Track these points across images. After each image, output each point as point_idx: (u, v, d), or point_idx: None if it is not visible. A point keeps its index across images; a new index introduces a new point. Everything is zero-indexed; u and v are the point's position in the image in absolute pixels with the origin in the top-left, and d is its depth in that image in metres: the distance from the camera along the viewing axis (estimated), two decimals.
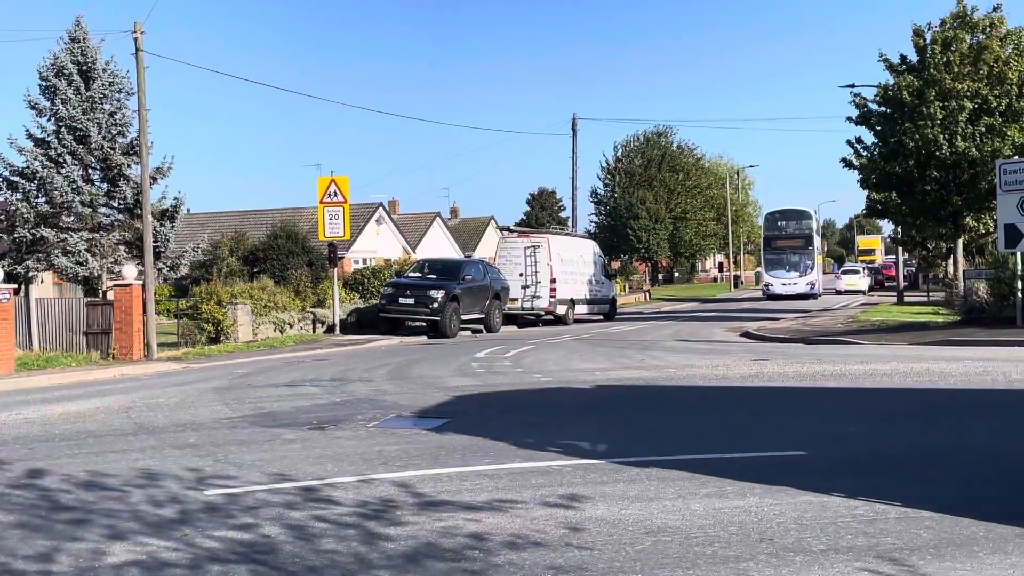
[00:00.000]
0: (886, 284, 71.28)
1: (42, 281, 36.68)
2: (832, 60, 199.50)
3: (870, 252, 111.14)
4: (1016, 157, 29.13)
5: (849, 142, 37.15)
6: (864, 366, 18.04)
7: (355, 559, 6.36)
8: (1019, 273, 24.48)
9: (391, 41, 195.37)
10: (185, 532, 7.12)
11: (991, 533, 6.60)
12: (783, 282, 56.31)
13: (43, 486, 8.95)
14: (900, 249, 52.00)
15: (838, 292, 65.23)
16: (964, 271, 33.93)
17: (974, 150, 32.43)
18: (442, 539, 6.74)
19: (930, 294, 49.03)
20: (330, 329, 32.57)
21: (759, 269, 67.49)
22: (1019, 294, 24.45)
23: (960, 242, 36.83)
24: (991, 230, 33.71)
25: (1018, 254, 24.29)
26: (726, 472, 8.75)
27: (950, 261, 42.45)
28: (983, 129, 32.59)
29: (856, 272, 70.67)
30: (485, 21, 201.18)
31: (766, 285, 57.87)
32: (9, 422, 13.80)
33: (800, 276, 56.29)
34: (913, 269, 70.53)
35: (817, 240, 59.73)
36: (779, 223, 59.51)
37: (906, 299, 48.23)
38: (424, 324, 31.54)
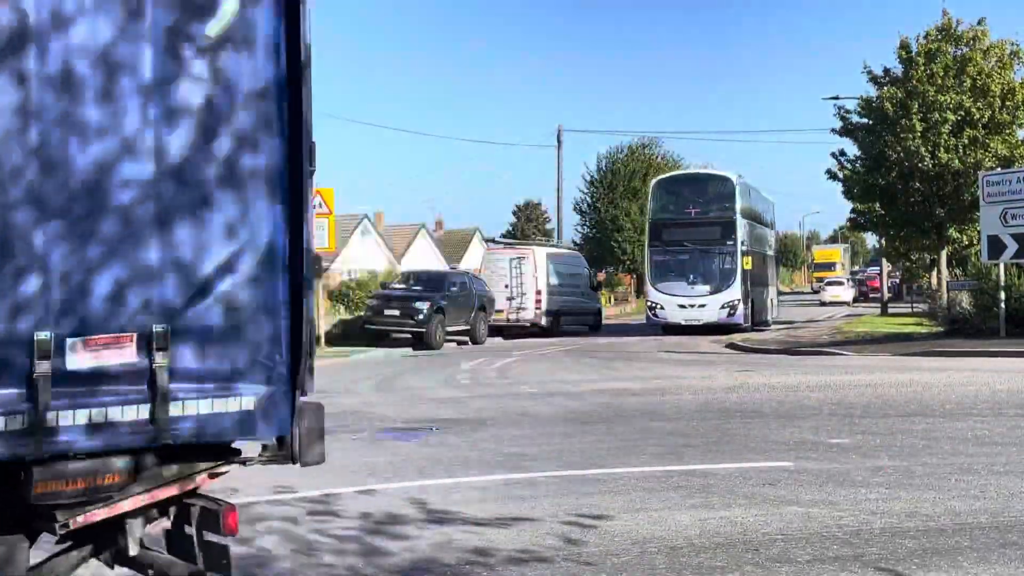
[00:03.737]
0: (870, 295, 71.69)
1: None
2: (818, 72, 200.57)
3: (830, 267, 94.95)
4: (999, 169, 29.45)
5: (833, 154, 37.61)
6: (849, 376, 18.20)
7: (351, 573, 6.43)
8: (1002, 284, 24.69)
9: (376, 52, 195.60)
10: None
11: (975, 543, 6.72)
12: (682, 301, 34.99)
13: None
14: (884, 260, 52.35)
15: (822, 303, 65.57)
16: (947, 282, 34.15)
17: (957, 162, 32.77)
18: (439, 553, 6.80)
19: (914, 305, 49.25)
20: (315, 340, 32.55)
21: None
22: (1002, 305, 24.64)
23: (943, 253, 37.14)
24: (974, 241, 33.96)
25: (1001, 265, 24.51)
26: (712, 483, 8.87)
27: (933, 272, 42.76)
28: (966, 141, 32.94)
29: (840, 283, 71.10)
30: (470, 32, 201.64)
31: (652, 307, 36.20)
32: None
33: (712, 292, 34.86)
34: (897, 280, 70.92)
35: (742, 229, 35.49)
36: (677, 199, 37.38)
37: (890, 310, 48.48)
38: (410, 335, 31.56)
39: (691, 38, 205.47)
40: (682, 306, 34.89)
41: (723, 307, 34.36)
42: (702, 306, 34.58)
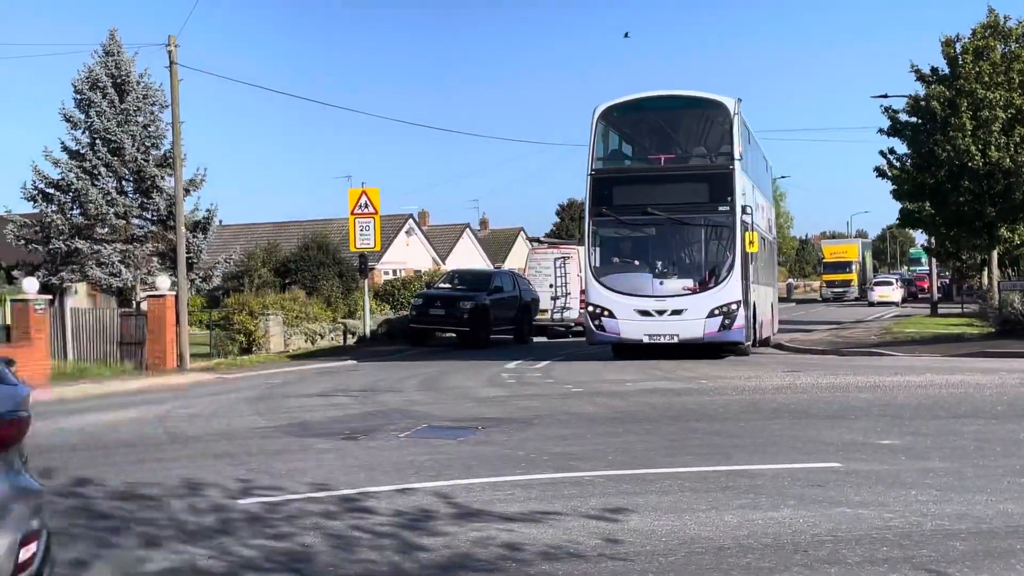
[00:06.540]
0: (919, 296, 70.76)
1: (76, 292, 37.06)
2: (863, 71, 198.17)
3: (843, 267, 78.40)
4: None
5: (882, 152, 37.09)
6: (898, 378, 17.92)
7: (391, 568, 6.41)
8: None
9: (424, 55, 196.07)
10: (222, 540, 7.20)
11: None
12: (645, 305, 22.72)
13: (83, 495, 9.06)
14: (934, 260, 51.61)
15: (870, 304, 64.83)
16: (999, 282, 33.60)
17: (1008, 160, 32.24)
18: (476, 549, 6.77)
19: (964, 306, 48.54)
20: (361, 340, 32.70)
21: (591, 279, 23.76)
22: None
23: (995, 253, 36.58)
24: None
25: None
26: (760, 483, 8.75)
27: (984, 272, 42.11)
28: (1017, 139, 32.40)
29: (889, 283, 70.07)
30: (517, 35, 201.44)
31: (596, 313, 23.12)
32: (47, 432, 13.94)
33: (696, 290, 22.74)
34: (947, 280, 69.90)
35: (743, 188, 23.06)
36: (637, 139, 26.57)
37: (940, 311, 47.84)
38: (454, 335, 31.60)
39: (728, 36, 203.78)
40: (645, 313, 22.57)
41: (713, 314, 22.17)
42: (678, 312, 22.35)
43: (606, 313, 22.81)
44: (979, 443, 10.69)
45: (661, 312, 22.49)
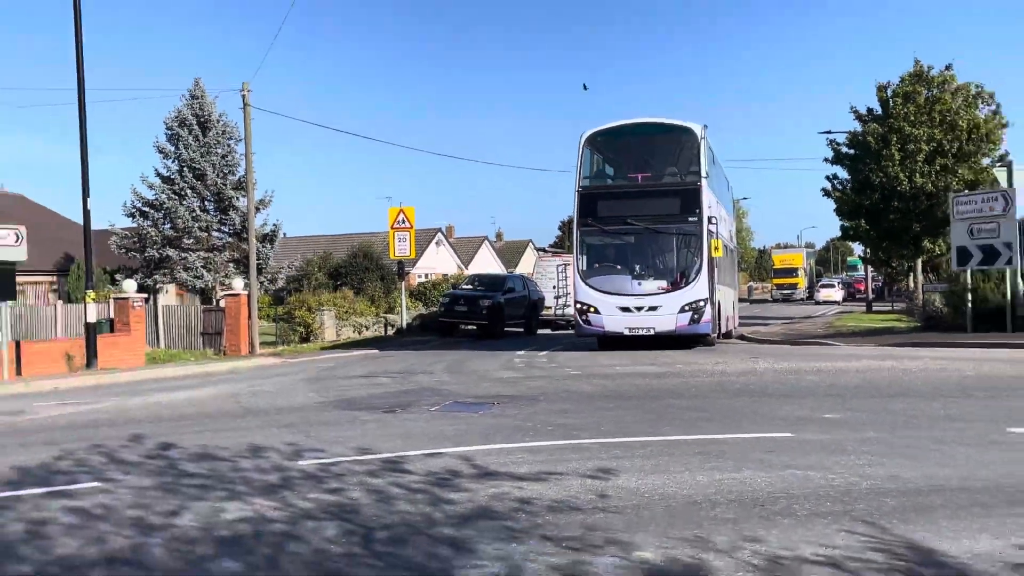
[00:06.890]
0: (857, 296, 70.56)
1: (167, 292, 37.19)
2: (812, 110, 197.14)
3: (791, 272, 75.38)
4: (966, 191, 28.81)
5: (827, 177, 37.09)
6: (840, 363, 17.83)
7: (423, 518, 6.42)
8: (969, 287, 24.12)
9: (448, 94, 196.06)
10: (284, 494, 7.21)
11: (947, 503, 6.53)
12: (625, 303, 22.11)
13: (172, 457, 9.10)
14: (868, 267, 51.47)
15: (817, 303, 64.79)
16: (923, 285, 33.57)
17: (930, 185, 32.27)
18: (494, 503, 6.77)
19: (894, 305, 48.33)
20: (399, 331, 32.75)
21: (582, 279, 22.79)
22: (969, 305, 24.06)
23: (919, 261, 36.48)
24: (945, 251, 33.30)
25: (968, 271, 23.95)
26: (726, 449, 8.72)
27: (911, 277, 41.94)
28: (938, 168, 32.39)
29: (832, 286, 70.08)
30: (524, 64, 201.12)
31: (583, 310, 22.53)
32: (142, 405, 14.02)
33: (669, 289, 22.15)
34: (880, 283, 69.62)
35: (710, 201, 22.64)
36: (617, 160, 24.79)
37: (874, 308, 47.61)
38: (475, 327, 31.61)
39: (715, 71, 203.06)
40: (625, 309, 22.02)
41: (684, 310, 21.75)
42: (653, 308, 21.89)
43: (592, 310, 22.33)
44: (907, 418, 10.64)
45: (639, 308, 22.06)
